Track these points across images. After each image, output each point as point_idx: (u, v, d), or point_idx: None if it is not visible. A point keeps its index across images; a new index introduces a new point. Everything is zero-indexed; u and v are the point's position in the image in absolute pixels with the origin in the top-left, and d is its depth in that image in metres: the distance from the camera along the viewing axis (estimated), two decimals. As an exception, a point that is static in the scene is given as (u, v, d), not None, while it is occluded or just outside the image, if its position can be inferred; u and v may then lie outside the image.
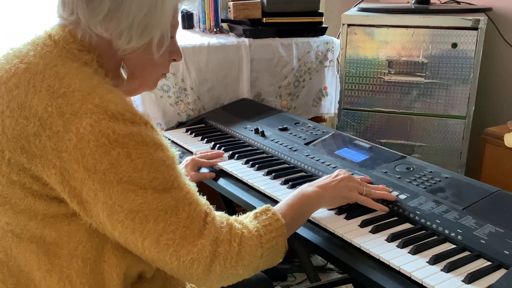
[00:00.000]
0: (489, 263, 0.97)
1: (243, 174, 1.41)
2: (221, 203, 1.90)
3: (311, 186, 1.12)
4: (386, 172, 1.31)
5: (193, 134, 1.77)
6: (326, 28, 2.14)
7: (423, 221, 1.10)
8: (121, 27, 0.88)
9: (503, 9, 2.12)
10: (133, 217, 0.81)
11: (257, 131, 1.67)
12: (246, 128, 1.72)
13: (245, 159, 1.49)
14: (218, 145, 1.61)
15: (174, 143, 1.72)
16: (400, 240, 1.04)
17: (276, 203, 1.24)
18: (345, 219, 1.14)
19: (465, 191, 1.19)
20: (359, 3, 2.19)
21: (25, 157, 0.81)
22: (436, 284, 0.90)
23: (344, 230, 1.09)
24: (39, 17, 2.06)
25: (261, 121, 1.76)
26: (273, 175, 1.38)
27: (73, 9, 0.88)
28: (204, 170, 1.48)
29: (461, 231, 1.04)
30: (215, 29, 2.20)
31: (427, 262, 0.97)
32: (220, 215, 0.92)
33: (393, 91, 1.99)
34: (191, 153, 1.60)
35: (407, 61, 1.95)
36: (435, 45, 1.90)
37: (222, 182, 1.43)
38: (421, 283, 0.92)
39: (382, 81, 1.99)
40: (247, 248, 0.90)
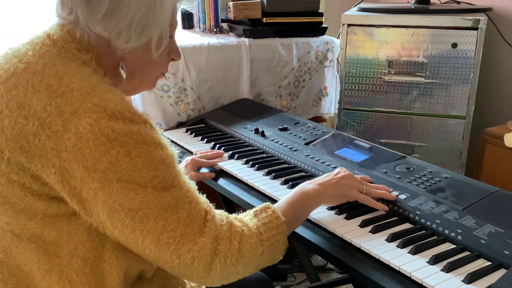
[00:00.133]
0: (489, 263, 0.97)
1: (243, 174, 1.41)
2: (221, 203, 1.90)
3: (311, 184, 1.11)
4: (386, 172, 1.31)
5: (193, 134, 1.77)
6: (326, 28, 2.14)
7: (423, 221, 1.10)
8: (120, 26, 0.88)
9: (503, 9, 2.12)
10: (133, 215, 0.81)
11: (257, 131, 1.67)
12: (246, 128, 1.72)
13: (245, 159, 1.49)
14: (218, 145, 1.61)
15: (174, 143, 1.72)
16: (400, 240, 1.04)
17: (276, 203, 1.24)
18: (345, 219, 1.14)
19: (465, 191, 1.19)
20: (359, 3, 2.19)
21: (24, 157, 0.81)
22: (436, 284, 0.90)
23: (344, 230, 1.09)
24: (39, 17, 2.06)
25: (261, 121, 1.76)
26: (273, 175, 1.38)
27: (72, 9, 0.88)
28: (204, 170, 1.48)
29: (461, 231, 1.04)
30: (215, 29, 2.20)
31: (427, 262, 0.97)
32: (220, 213, 0.92)
33: (393, 91, 1.99)
34: (191, 153, 1.60)
35: (407, 61, 1.95)
36: (435, 45, 1.90)
37: (222, 182, 1.43)
38: (421, 283, 0.92)
39: (382, 81, 1.99)
40: (247, 246, 0.90)
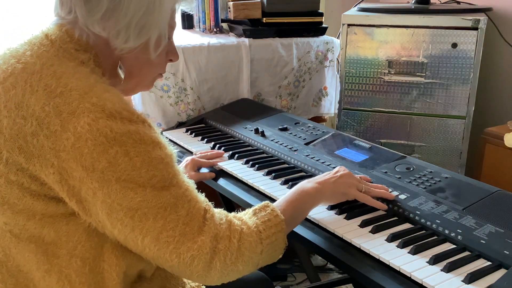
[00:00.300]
0: (489, 263, 0.97)
1: (243, 174, 1.41)
2: (221, 203, 1.90)
3: (311, 182, 1.11)
4: (386, 172, 1.31)
5: (193, 134, 1.77)
6: (326, 28, 2.14)
7: (423, 221, 1.10)
8: (119, 26, 0.88)
9: (503, 9, 2.12)
10: (132, 215, 0.81)
11: (257, 131, 1.67)
12: (246, 128, 1.72)
13: (245, 159, 1.49)
14: (218, 145, 1.61)
15: (174, 143, 1.72)
16: (400, 240, 1.04)
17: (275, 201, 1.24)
18: (345, 219, 1.14)
19: (465, 191, 1.19)
20: (359, 3, 2.19)
21: (23, 157, 0.81)
22: (436, 284, 0.90)
23: (344, 230, 1.09)
24: (39, 17, 2.06)
25: (261, 121, 1.76)
26: (273, 175, 1.38)
27: (71, 8, 0.88)
28: (204, 170, 1.48)
29: (461, 231, 1.04)
30: (215, 29, 2.20)
31: (427, 262, 0.97)
32: (219, 212, 0.92)
33: (393, 91, 1.99)
34: (191, 153, 1.60)
35: (407, 61, 1.95)
36: (435, 45, 1.90)
37: (222, 182, 1.43)
38: (421, 283, 0.92)
39: (382, 81, 1.99)
40: (246, 244, 0.90)
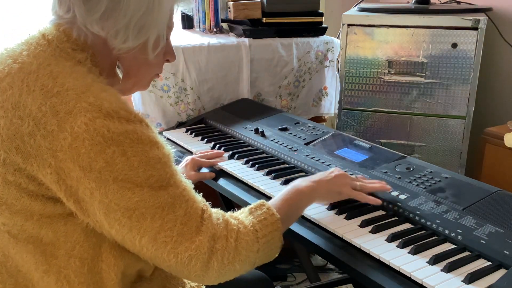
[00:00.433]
0: (489, 263, 0.97)
1: (243, 174, 1.41)
2: (221, 203, 1.90)
3: (305, 181, 1.12)
4: (386, 172, 1.31)
5: (193, 134, 1.77)
6: (326, 28, 2.14)
7: (423, 221, 1.10)
8: (118, 26, 0.87)
9: (503, 9, 2.12)
10: (130, 215, 0.81)
11: (257, 131, 1.67)
12: (246, 128, 1.72)
13: (245, 159, 1.49)
14: (218, 145, 1.61)
15: (174, 143, 1.72)
16: (400, 240, 1.04)
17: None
18: (345, 219, 1.14)
19: (465, 191, 1.19)
20: (359, 3, 2.19)
21: (20, 157, 0.80)
22: (436, 284, 0.90)
23: (344, 230, 1.09)
24: (39, 17, 2.06)
25: (261, 121, 1.76)
26: (273, 175, 1.38)
27: (69, 7, 0.87)
28: (204, 170, 1.48)
29: (461, 231, 1.04)
30: (215, 29, 2.20)
31: (427, 262, 0.97)
32: (215, 211, 0.92)
33: (393, 91, 1.99)
34: (191, 153, 1.60)
35: (407, 61, 1.95)
36: (435, 45, 1.90)
37: (222, 182, 1.43)
38: (421, 283, 0.92)
39: (382, 81, 1.99)
40: (243, 243, 0.90)
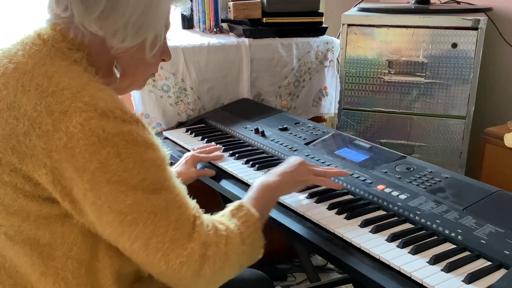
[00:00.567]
0: (489, 263, 0.97)
1: (243, 174, 1.41)
2: (221, 203, 1.90)
3: (271, 176, 1.12)
4: (386, 172, 1.31)
5: (193, 134, 1.77)
6: (326, 28, 2.14)
7: (423, 221, 1.10)
8: (116, 26, 0.87)
9: (503, 9, 2.12)
10: (121, 220, 0.80)
11: (257, 131, 1.67)
12: (246, 128, 1.72)
13: (245, 159, 1.49)
14: (218, 145, 1.61)
15: (174, 143, 1.72)
16: (400, 240, 1.04)
17: (276, 203, 1.24)
18: (345, 219, 1.14)
19: (465, 191, 1.19)
20: (359, 3, 2.19)
21: (16, 157, 0.80)
22: (436, 284, 0.90)
23: (344, 230, 1.09)
24: (39, 17, 2.06)
25: (261, 121, 1.76)
26: (273, 175, 1.37)
27: (67, 6, 0.87)
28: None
29: (461, 231, 1.04)
30: (215, 29, 2.20)
31: (427, 262, 0.97)
32: (206, 217, 0.90)
33: (393, 91, 1.99)
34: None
35: (407, 61, 1.95)
36: (435, 45, 1.90)
37: (222, 182, 1.43)
38: (421, 283, 0.92)
39: (382, 81, 1.99)
40: (232, 247, 0.89)
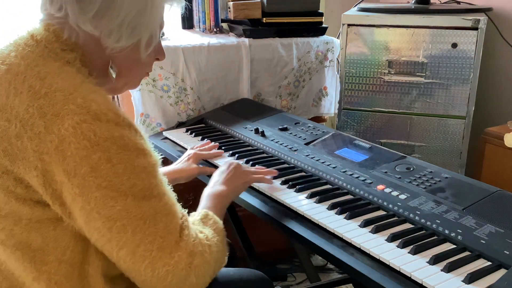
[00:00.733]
0: (489, 263, 0.97)
1: (243, 174, 1.41)
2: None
3: (217, 185, 1.16)
4: (386, 172, 1.31)
5: (193, 134, 1.77)
6: (326, 28, 2.14)
7: (423, 221, 1.10)
8: (112, 25, 0.87)
9: (503, 9, 2.12)
10: (110, 226, 0.79)
11: (257, 131, 1.67)
12: (246, 128, 1.72)
13: (245, 159, 1.49)
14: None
15: (174, 143, 1.72)
16: (400, 240, 1.04)
17: (276, 203, 1.25)
18: (345, 219, 1.14)
19: (465, 191, 1.19)
20: (359, 3, 2.19)
21: (7, 159, 0.80)
22: (436, 284, 0.90)
23: (344, 230, 1.09)
24: (39, 17, 2.05)
25: (261, 121, 1.76)
26: (273, 175, 1.38)
27: (61, 5, 0.86)
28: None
29: (461, 231, 1.04)
30: (215, 29, 2.20)
31: (427, 262, 0.97)
32: (191, 227, 0.91)
33: (393, 91, 1.99)
34: (191, 153, 1.60)
35: (407, 61, 1.95)
36: (435, 45, 1.90)
37: (222, 182, 1.43)
38: (421, 283, 0.92)
39: (382, 81, 1.99)
40: (214, 255, 0.91)
